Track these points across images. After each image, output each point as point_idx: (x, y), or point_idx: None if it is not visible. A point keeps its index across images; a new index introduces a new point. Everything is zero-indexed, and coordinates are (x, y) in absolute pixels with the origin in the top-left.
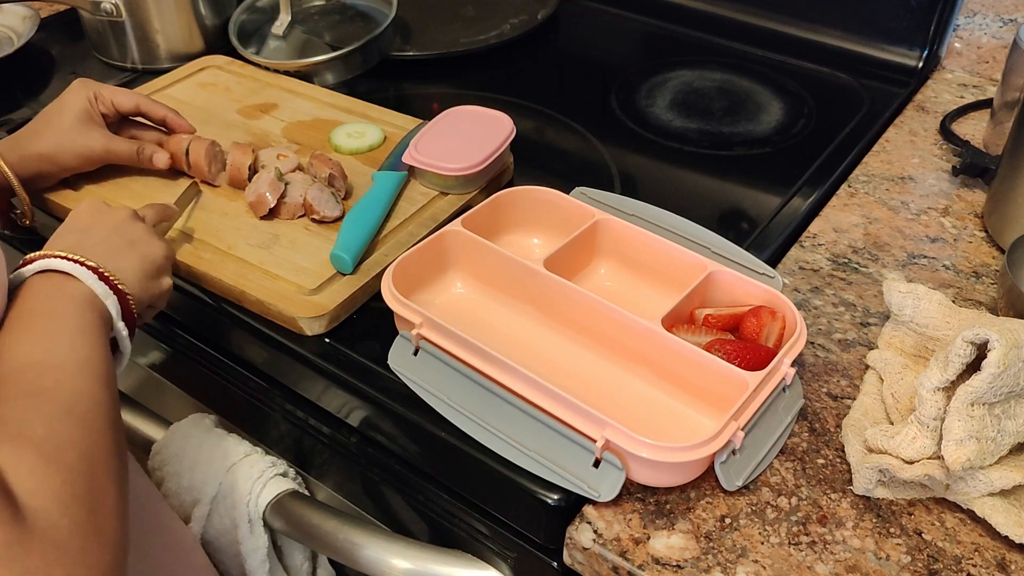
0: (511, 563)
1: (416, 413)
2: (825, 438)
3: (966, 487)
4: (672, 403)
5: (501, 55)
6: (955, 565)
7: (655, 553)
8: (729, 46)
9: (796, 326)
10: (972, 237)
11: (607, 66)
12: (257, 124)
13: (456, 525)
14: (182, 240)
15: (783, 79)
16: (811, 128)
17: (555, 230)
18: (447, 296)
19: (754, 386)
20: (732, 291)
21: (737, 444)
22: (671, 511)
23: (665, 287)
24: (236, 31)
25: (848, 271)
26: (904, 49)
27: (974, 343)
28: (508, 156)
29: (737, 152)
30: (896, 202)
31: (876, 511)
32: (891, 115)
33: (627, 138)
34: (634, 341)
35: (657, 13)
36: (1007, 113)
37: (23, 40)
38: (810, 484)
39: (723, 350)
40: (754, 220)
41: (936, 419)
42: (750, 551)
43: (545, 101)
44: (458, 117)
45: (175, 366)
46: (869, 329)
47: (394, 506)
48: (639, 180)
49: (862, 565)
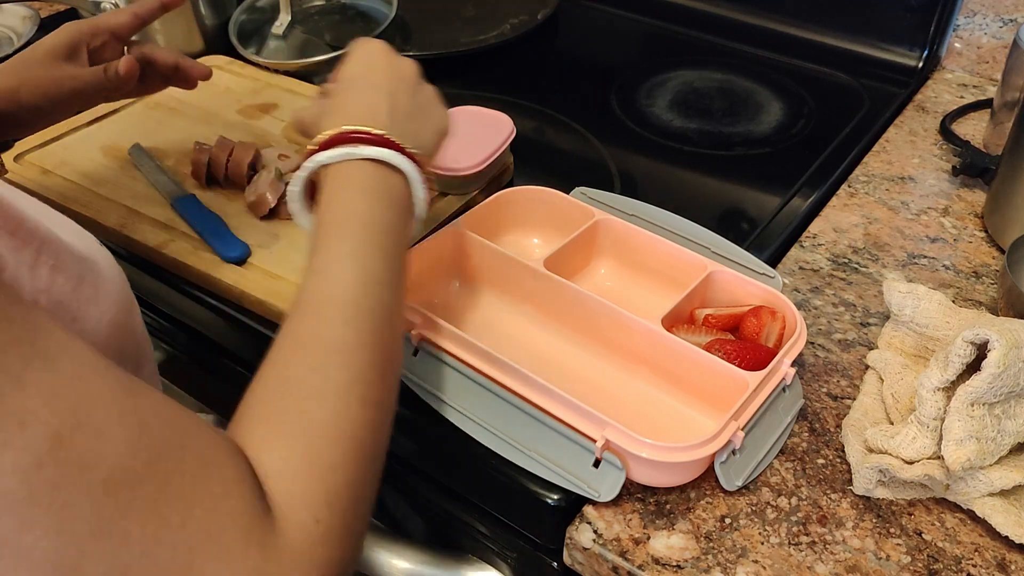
0: (511, 563)
1: (415, 413)
2: (825, 438)
3: (966, 487)
4: (672, 403)
5: (501, 55)
6: (955, 565)
7: (655, 553)
8: (729, 46)
9: (796, 326)
10: (972, 237)
11: (607, 66)
12: (257, 124)
13: (456, 525)
14: (182, 240)
15: (783, 79)
16: (811, 128)
17: (555, 230)
18: (447, 296)
19: (754, 386)
20: (732, 291)
21: (737, 444)
22: (671, 511)
23: (665, 287)
24: (236, 31)
25: (848, 271)
26: (904, 49)
27: (974, 343)
28: (508, 156)
29: (737, 152)
30: (896, 202)
31: (876, 511)
32: (891, 115)
33: (627, 138)
34: (634, 341)
35: (657, 13)
36: (1007, 113)
37: (23, 40)
38: (810, 484)
39: (723, 350)
40: (754, 220)
41: (936, 419)
42: (750, 551)
43: (545, 101)
44: (458, 117)
45: (175, 366)
46: (869, 329)
47: (394, 506)
48: (639, 180)
49: (862, 565)
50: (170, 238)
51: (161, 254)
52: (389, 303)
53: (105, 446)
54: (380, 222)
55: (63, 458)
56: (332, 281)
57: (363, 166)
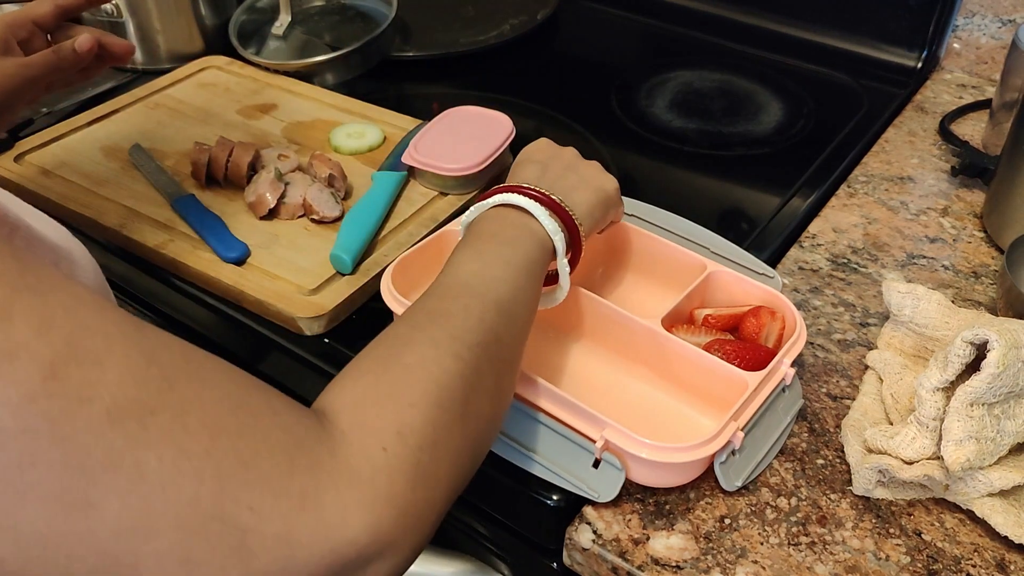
0: (510, 564)
1: None
2: (824, 438)
3: (965, 487)
4: (672, 403)
5: (501, 55)
6: (954, 565)
7: (654, 554)
8: (729, 46)
9: (796, 326)
10: (971, 237)
11: (607, 66)
12: (257, 124)
13: (455, 526)
14: (181, 240)
15: (782, 79)
16: (810, 128)
17: None
18: None
19: (754, 386)
20: (732, 291)
21: (737, 444)
22: (671, 511)
23: (665, 287)
24: (236, 31)
25: (847, 271)
26: (903, 50)
27: (973, 343)
28: (508, 156)
29: (737, 152)
30: (895, 202)
31: (876, 511)
32: (890, 115)
33: (627, 138)
34: (634, 341)
35: (657, 13)
36: (1006, 113)
37: None
38: (810, 484)
39: (723, 350)
40: (754, 220)
41: (935, 419)
42: (750, 552)
43: (545, 101)
44: (458, 117)
45: None
46: (868, 329)
47: None
48: (639, 180)
49: (862, 565)
50: (170, 238)
51: (161, 254)
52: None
53: (106, 375)
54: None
55: (59, 390)
56: (451, 273)
57: (503, 209)
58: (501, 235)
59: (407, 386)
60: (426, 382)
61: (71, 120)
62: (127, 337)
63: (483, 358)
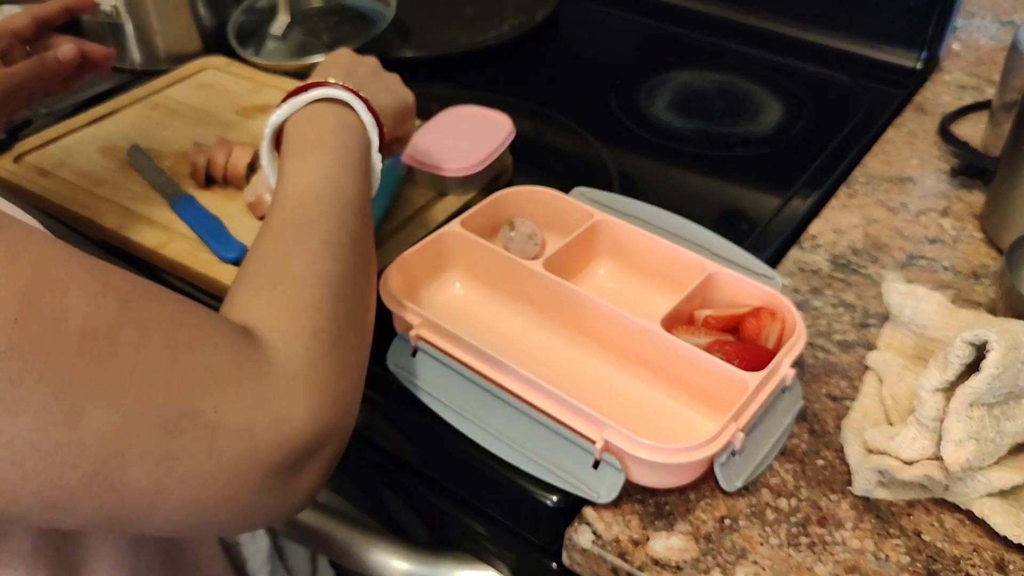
0: (510, 564)
1: (415, 414)
2: (825, 439)
3: (965, 488)
4: (672, 404)
5: (500, 55)
6: (954, 566)
7: (654, 554)
8: (729, 47)
9: (796, 327)
10: (971, 238)
11: (606, 66)
12: (256, 125)
13: (455, 526)
14: (180, 241)
15: (782, 80)
16: (810, 129)
17: (554, 230)
18: (446, 297)
19: (754, 387)
20: (732, 292)
21: (737, 445)
22: (670, 512)
23: (665, 288)
24: (235, 32)
25: (847, 272)
26: (903, 51)
27: (973, 344)
28: (507, 156)
29: (736, 153)
30: (895, 203)
31: (876, 512)
32: (890, 116)
33: (626, 138)
34: (634, 342)
35: (657, 14)
36: (1006, 115)
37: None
38: (810, 485)
39: (723, 351)
40: (754, 221)
41: (935, 420)
42: (750, 552)
43: (544, 101)
44: (457, 117)
45: None
46: (868, 330)
47: (393, 507)
48: (638, 180)
49: (862, 566)
50: (168, 239)
51: (159, 255)
52: (351, 199)
53: (73, 298)
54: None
55: (36, 312)
56: (298, 181)
57: (317, 105)
58: (329, 135)
59: (304, 292)
60: (319, 285)
61: (70, 121)
62: (81, 265)
63: (354, 254)
